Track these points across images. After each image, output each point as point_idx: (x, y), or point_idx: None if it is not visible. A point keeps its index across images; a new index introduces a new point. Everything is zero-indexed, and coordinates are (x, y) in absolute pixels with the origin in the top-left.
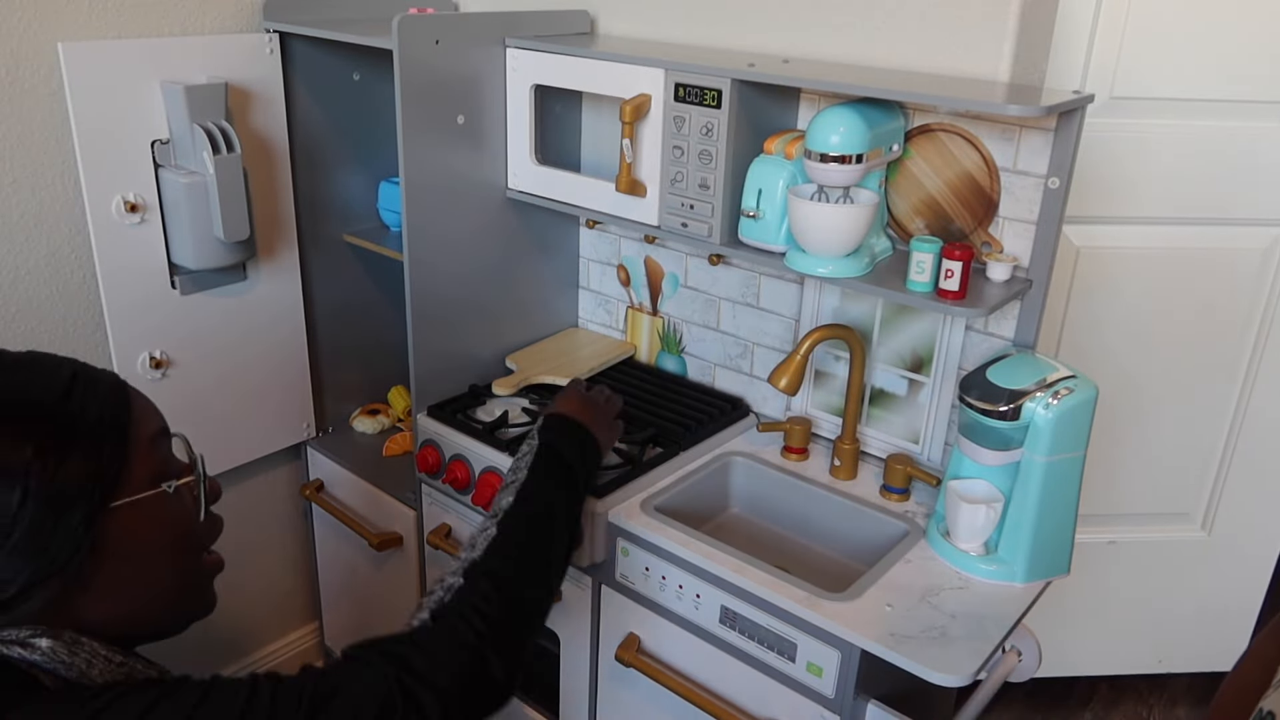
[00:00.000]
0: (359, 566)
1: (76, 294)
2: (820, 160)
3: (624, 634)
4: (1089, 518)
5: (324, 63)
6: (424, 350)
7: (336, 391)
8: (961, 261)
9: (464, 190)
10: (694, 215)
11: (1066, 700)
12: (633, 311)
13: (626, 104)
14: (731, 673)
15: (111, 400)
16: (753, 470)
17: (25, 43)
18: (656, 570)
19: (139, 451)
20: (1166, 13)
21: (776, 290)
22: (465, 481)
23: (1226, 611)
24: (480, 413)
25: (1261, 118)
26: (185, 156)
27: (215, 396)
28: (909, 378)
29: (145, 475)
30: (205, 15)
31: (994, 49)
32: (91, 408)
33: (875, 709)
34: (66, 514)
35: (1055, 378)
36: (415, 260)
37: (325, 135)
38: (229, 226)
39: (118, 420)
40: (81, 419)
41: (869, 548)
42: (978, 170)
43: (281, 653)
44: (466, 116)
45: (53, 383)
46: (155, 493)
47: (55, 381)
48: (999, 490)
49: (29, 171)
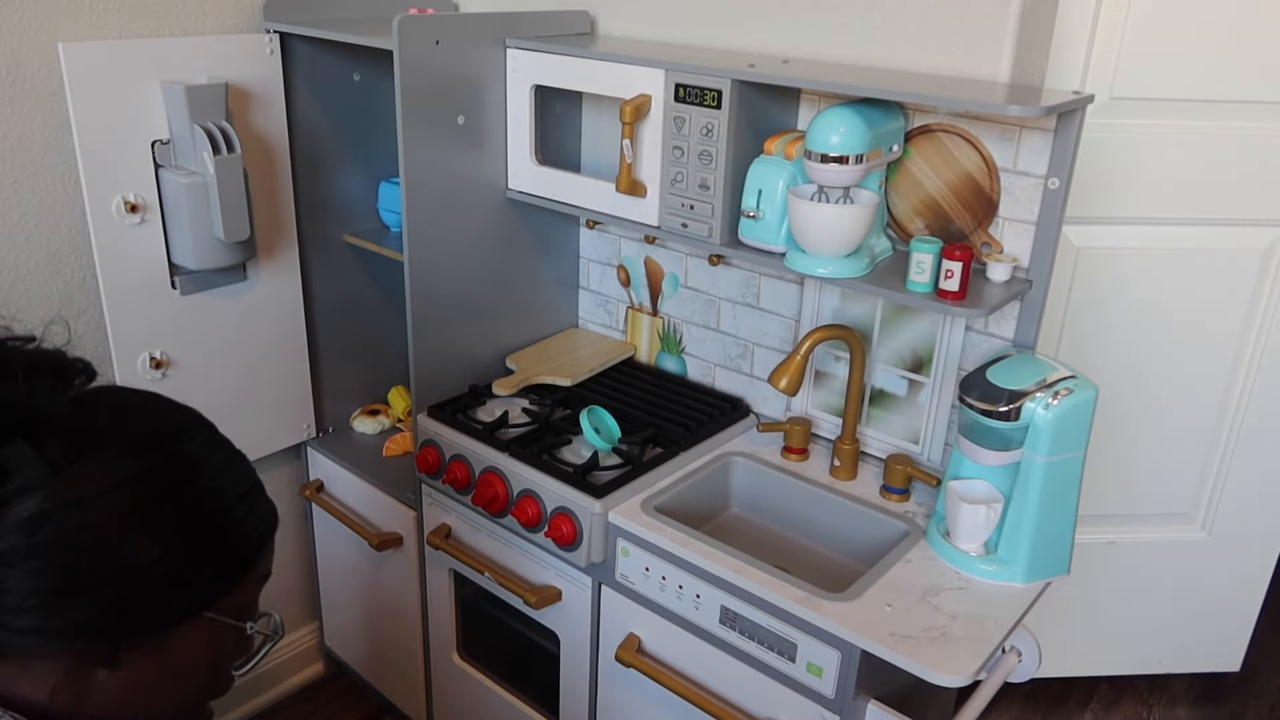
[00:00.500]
0: (359, 566)
1: (77, 294)
2: (820, 161)
3: (624, 634)
4: (1089, 518)
5: (324, 63)
6: (424, 350)
7: (336, 391)
8: (961, 262)
9: (464, 190)
10: (694, 215)
11: (1066, 700)
12: (633, 312)
13: (626, 104)
14: (731, 673)
15: (266, 525)
16: (753, 470)
17: (25, 43)
18: (656, 570)
19: (248, 582)
20: (1166, 13)
21: (776, 290)
22: (465, 481)
23: (1226, 611)
24: (480, 413)
25: (1261, 118)
26: (185, 157)
27: (215, 397)
28: (909, 378)
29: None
30: (205, 15)
31: (994, 49)
32: (253, 522)
33: (875, 709)
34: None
35: (1055, 378)
36: (415, 260)
37: (325, 135)
38: (229, 227)
39: (260, 545)
40: (240, 527)
41: (869, 548)
42: (978, 170)
43: (282, 653)
44: (466, 117)
45: (239, 482)
46: (237, 625)
47: (242, 481)
48: (999, 490)
49: (29, 171)
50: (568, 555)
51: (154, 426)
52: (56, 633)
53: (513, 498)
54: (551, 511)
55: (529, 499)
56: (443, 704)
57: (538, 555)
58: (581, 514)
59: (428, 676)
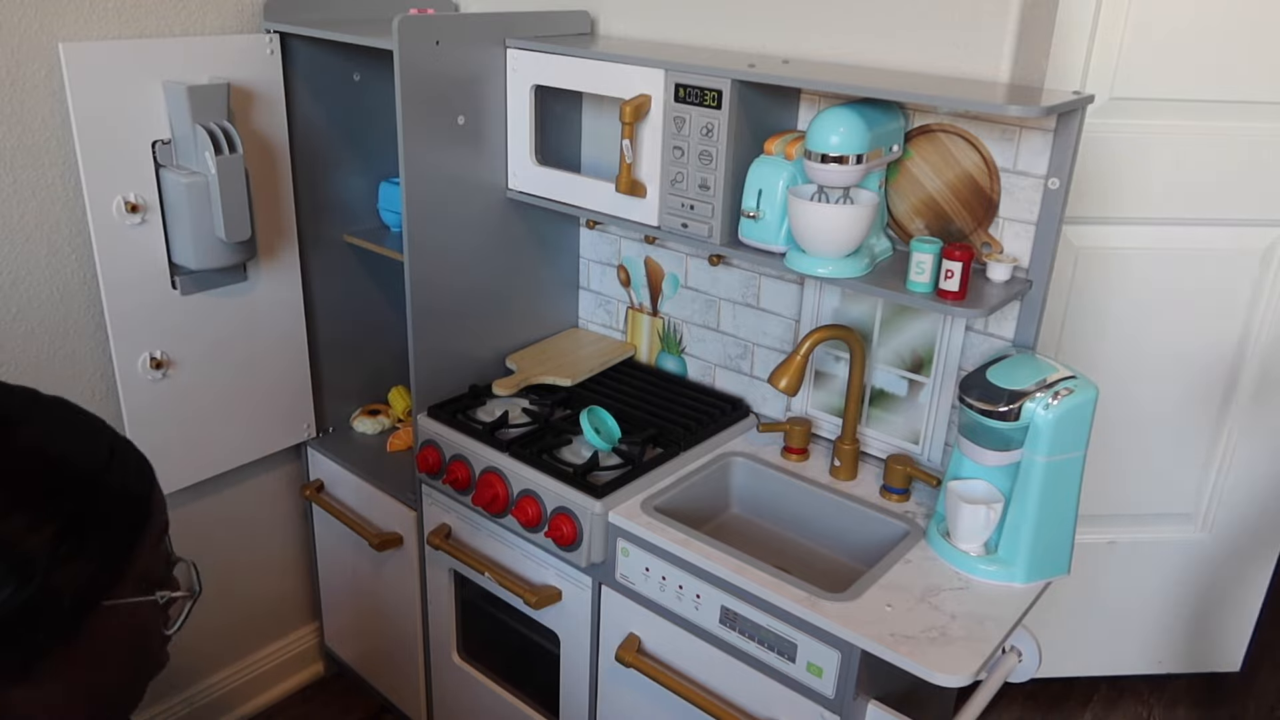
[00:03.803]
0: (359, 567)
1: (77, 294)
2: (820, 161)
3: (624, 634)
4: (1089, 518)
5: (324, 63)
6: (424, 350)
7: (336, 391)
8: (961, 262)
9: (464, 191)
10: (694, 216)
11: (1066, 700)
12: (633, 312)
13: (626, 104)
14: (731, 673)
15: (141, 482)
16: (753, 471)
17: (26, 43)
18: (656, 570)
19: (145, 548)
20: (1166, 13)
21: (776, 291)
22: (465, 482)
23: (1226, 611)
24: (480, 413)
25: (1261, 118)
26: (187, 156)
27: (216, 397)
28: (909, 378)
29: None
30: (205, 16)
31: (994, 49)
32: (124, 488)
33: (875, 709)
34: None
35: (1055, 378)
36: (415, 260)
37: (325, 135)
38: (230, 226)
39: (140, 508)
40: (111, 500)
41: (869, 548)
42: (978, 171)
43: (281, 653)
44: (467, 117)
45: (94, 449)
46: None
47: (96, 448)
48: (999, 490)
49: (29, 171)
50: (568, 555)
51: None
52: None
53: (513, 498)
54: (551, 512)
55: (529, 499)
56: (443, 704)
57: (538, 555)
58: (581, 514)
59: (428, 676)
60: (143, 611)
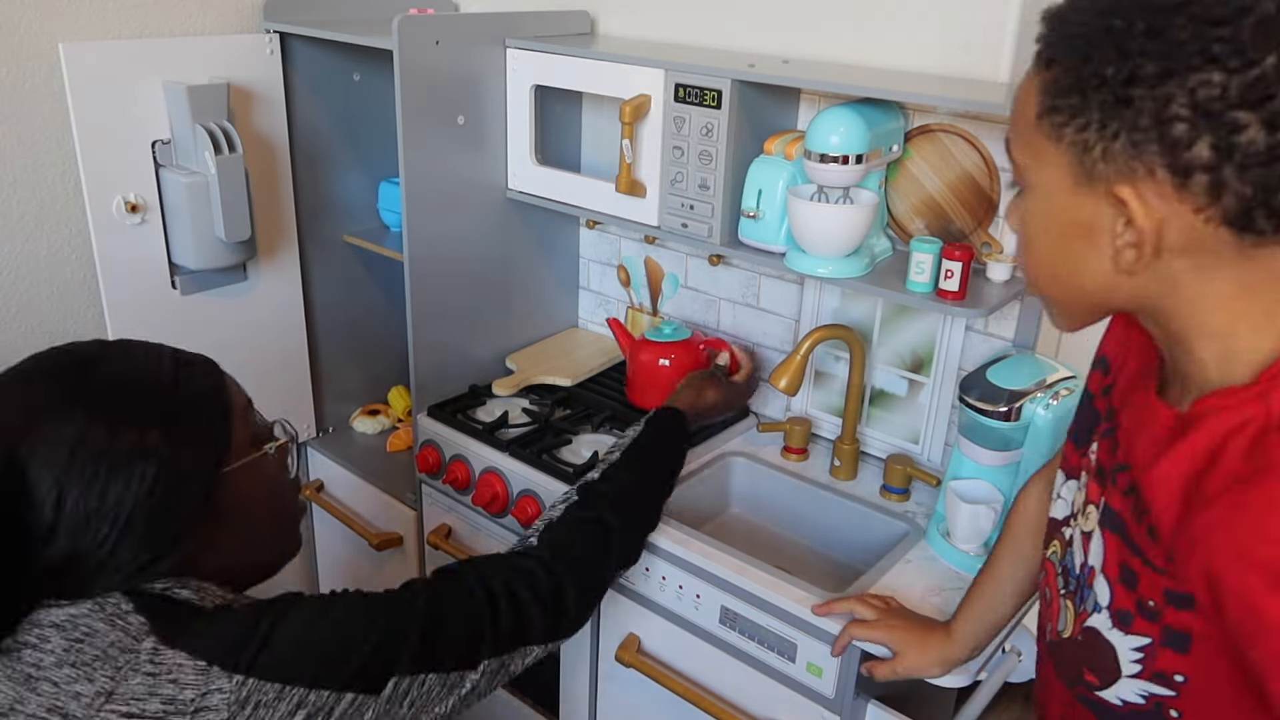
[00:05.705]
0: (359, 567)
1: (77, 294)
2: (820, 161)
3: (624, 634)
4: None
5: (324, 63)
6: (424, 350)
7: (336, 391)
8: (961, 262)
9: (464, 191)
10: (694, 215)
11: None
12: (633, 312)
13: (626, 104)
14: (731, 673)
15: (211, 377)
16: (753, 470)
17: (26, 43)
18: (656, 570)
19: (238, 421)
20: None
21: (776, 290)
22: (465, 482)
23: None
24: (480, 413)
25: None
26: (186, 156)
27: None
28: (909, 378)
29: (245, 440)
30: (205, 16)
31: (994, 49)
32: (197, 387)
33: (875, 709)
34: (190, 486)
35: (1055, 378)
36: (415, 260)
37: (325, 135)
38: (230, 226)
39: (219, 396)
40: (192, 398)
41: (869, 548)
42: (978, 171)
43: None
44: (467, 117)
45: (160, 368)
46: (258, 455)
47: (161, 367)
48: (999, 491)
49: (29, 171)
50: None
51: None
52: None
53: (513, 498)
54: None
55: (529, 499)
56: None
57: None
58: None
59: None
60: (260, 466)
